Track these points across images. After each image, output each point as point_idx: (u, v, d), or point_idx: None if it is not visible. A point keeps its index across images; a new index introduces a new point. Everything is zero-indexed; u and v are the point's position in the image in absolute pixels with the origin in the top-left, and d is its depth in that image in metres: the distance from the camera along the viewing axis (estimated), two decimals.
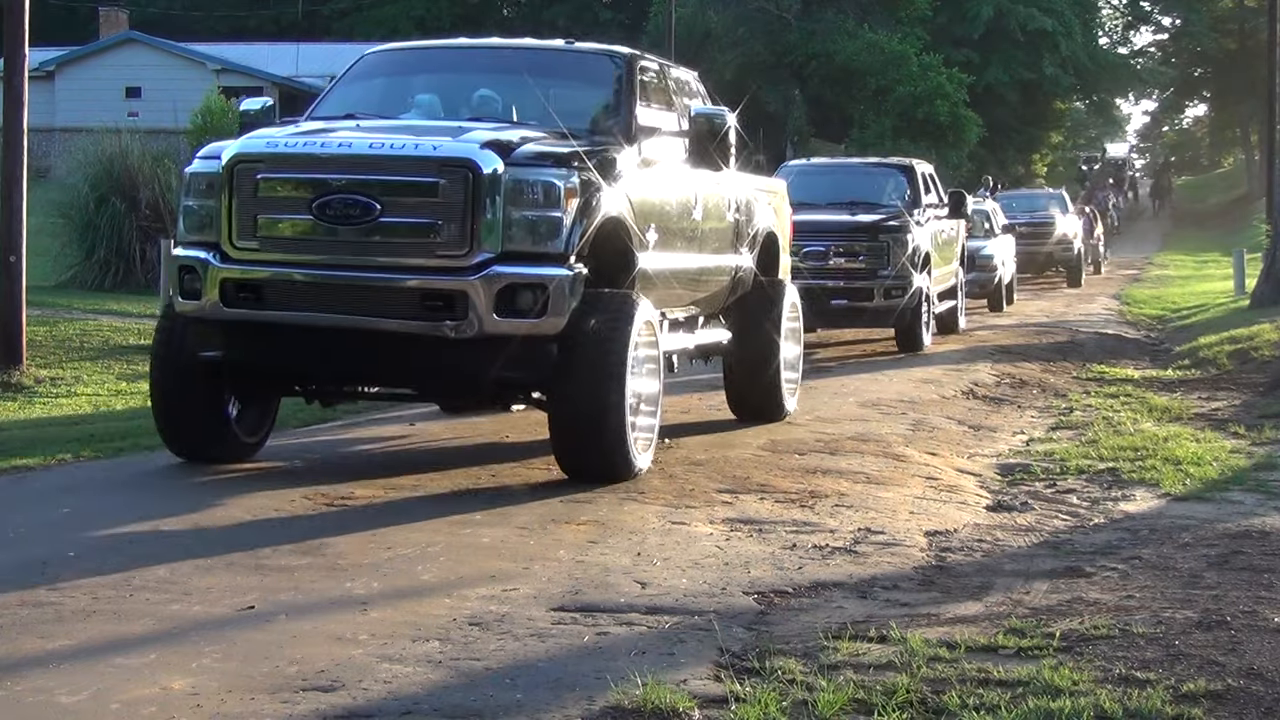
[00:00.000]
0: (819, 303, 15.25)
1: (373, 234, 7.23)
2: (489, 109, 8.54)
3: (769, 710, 4.08)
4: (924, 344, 15.98)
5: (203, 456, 8.03)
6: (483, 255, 7.15)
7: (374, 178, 7.23)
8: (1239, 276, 24.23)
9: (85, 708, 4.06)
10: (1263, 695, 4.21)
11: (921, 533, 6.77)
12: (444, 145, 7.31)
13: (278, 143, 7.55)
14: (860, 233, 15.86)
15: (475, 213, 7.13)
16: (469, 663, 4.54)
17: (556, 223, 7.28)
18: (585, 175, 7.45)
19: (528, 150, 7.38)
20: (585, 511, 6.95)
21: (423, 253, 7.22)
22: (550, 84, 8.71)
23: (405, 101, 8.78)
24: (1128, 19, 67.73)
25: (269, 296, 7.40)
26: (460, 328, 7.14)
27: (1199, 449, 9.19)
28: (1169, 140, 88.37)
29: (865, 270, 15.58)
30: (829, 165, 20.45)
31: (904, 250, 15.54)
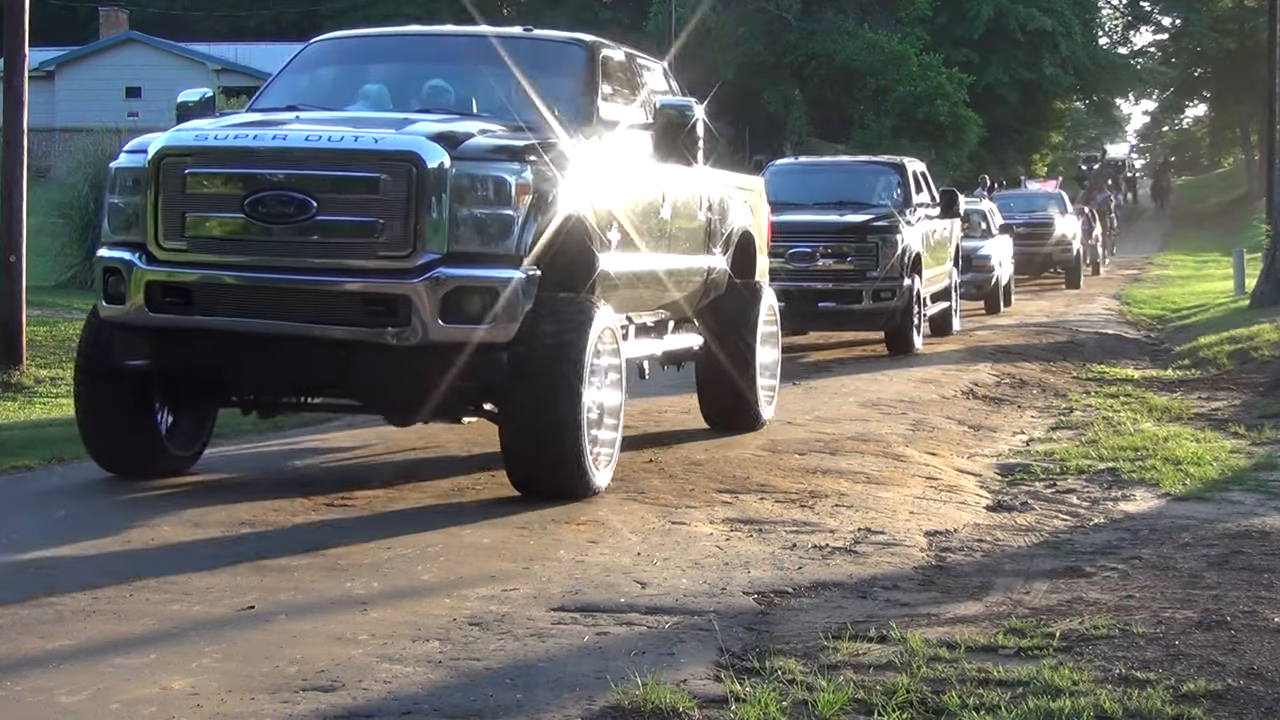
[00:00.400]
0: (806, 305, 15.07)
1: (309, 233, 6.77)
2: (441, 100, 8.07)
3: (769, 710, 4.08)
4: (915, 347, 15.65)
5: (130, 472, 7.53)
6: (427, 256, 6.69)
7: (310, 173, 6.78)
8: (1239, 276, 24.22)
9: (85, 708, 4.07)
10: (1263, 695, 4.21)
11: (921, 533, 6.78)
12: (386, 138, 6.86)
13: (207, 135, 7.04)
14: (848, 233, 15.48)
15: (419, 211, 6.68)
16: (469, 663, 4.54)
17: (508, 221, 6.84)
18: (540, 170, 7.03)
19: (477, 143, 6.94)
20: (585, 511, 6.95)
21: (363, 254, 6.75)
22: (507, 73, 8.21)
23: (353, 92, 8.32)
24: (1128, 19, 67.73)
25: (197, 301, 6.94)
26: (403, 334, 6.69)
27: (1199, 449, 9.19)
28: (1169, 140, 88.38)
29: (853, 272, 15.22)
30: (817, 164, 20.03)
31: (893, 251, 15.20)
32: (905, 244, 15.40)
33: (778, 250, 14.41)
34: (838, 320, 15.75)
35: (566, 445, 6.90)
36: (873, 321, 15.62)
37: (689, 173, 8.88)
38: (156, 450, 7.55)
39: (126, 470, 7.56)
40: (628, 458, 8.54)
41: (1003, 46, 49.29)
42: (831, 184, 17.22)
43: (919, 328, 15.87)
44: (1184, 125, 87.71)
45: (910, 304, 15.45)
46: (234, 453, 8.69)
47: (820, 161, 21.09)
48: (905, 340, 15.55)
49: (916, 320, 15.70)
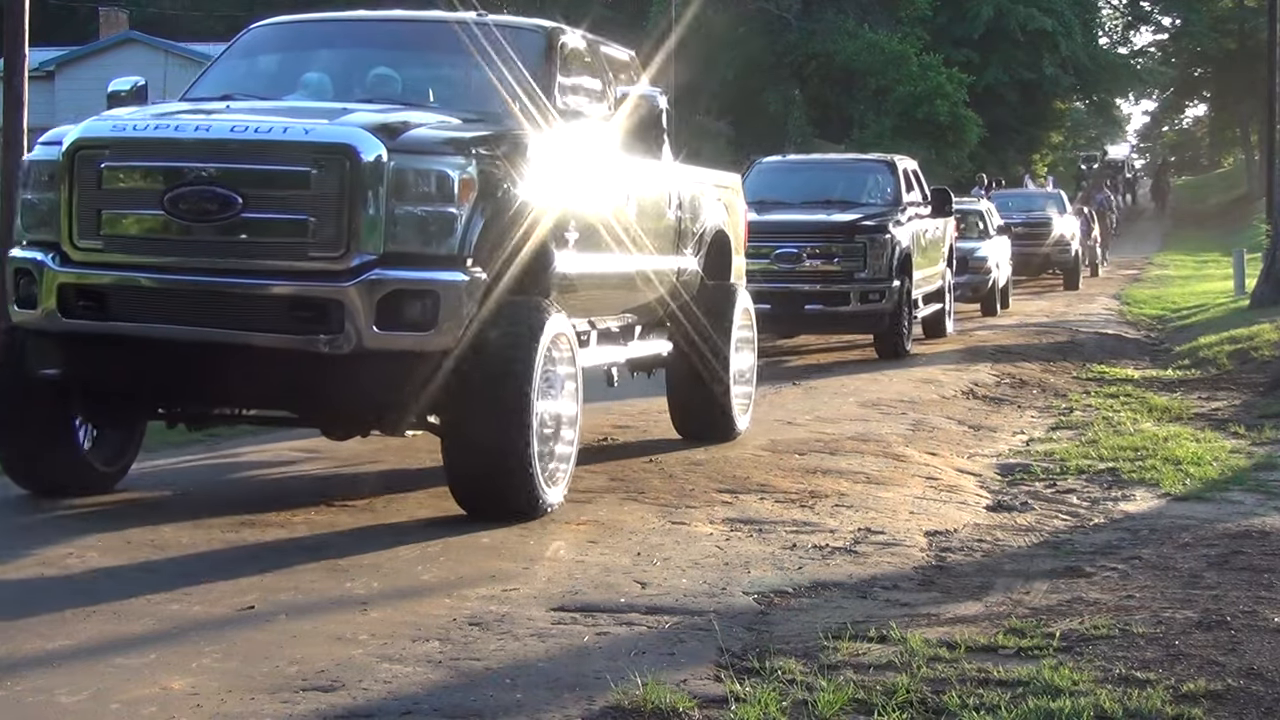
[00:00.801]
0: (792, 308, 14.74)
1: (234, 232, 6.25)
2: (386, 89, 7.61)
3: (769, 710, 4.08)
4: (905, 351, 15.21)
5: (49, 488, 7.00)
6: (362, 257, 6.17)
7: (235, 166, 6.27)
8: (1239, 276, 24.20)
9: (85, 708, 4.06)
10: (1263, 695, 4.21)
11: (921, 533, 6.77)
12: (317, 129, 6.37)
13: (125, 126, 6.56)
14: (835, 233, 15.04)
15: (353, 207, 6.16)
16: (469, 663, 4.54)
17: (450, 219, 6.33)
18: (488, 164, 6.56)
19: (418, 135, 6.44)
20: (585, 511, 6.95)
21: (292, 254, 6.23)
22: (460, 61, 7.78)
23: (293, 81, 7.80)
24: (1128, 19, 67.69)
25: (114, 305, 6.40)
26: (335, 342, 6.16)
27: (1199, 449, 9.19)
28: (1169, 140, 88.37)
29: (841, 273, 14.78)
30: (805, 162, 19.54)
31: (882, 251, 14.80)
32: (894, 244, 15.01)
33: (763, 251, 14.28)
34: (825, 323, 15.42)
35: (514, 462, 6.40)
36: (861, 324, 15.25)
37: (656, 168, 8.56)
38: (77, 466, 7.00)
39: (44, 487, 7.01)
40: (628, 458, 8.55)
41: (1003, 46, 49.26)
42: (820, 182, 16.87)
43: (909, 330, 15.47)
44: (1184, 125, 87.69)
45: (900, 306, 15.04)
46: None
47: (808, 159, 20.58)
48: (894, 343, 15.16)
49: (906, 323, 15.34)
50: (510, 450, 6.39)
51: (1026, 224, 28.19)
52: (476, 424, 6.41)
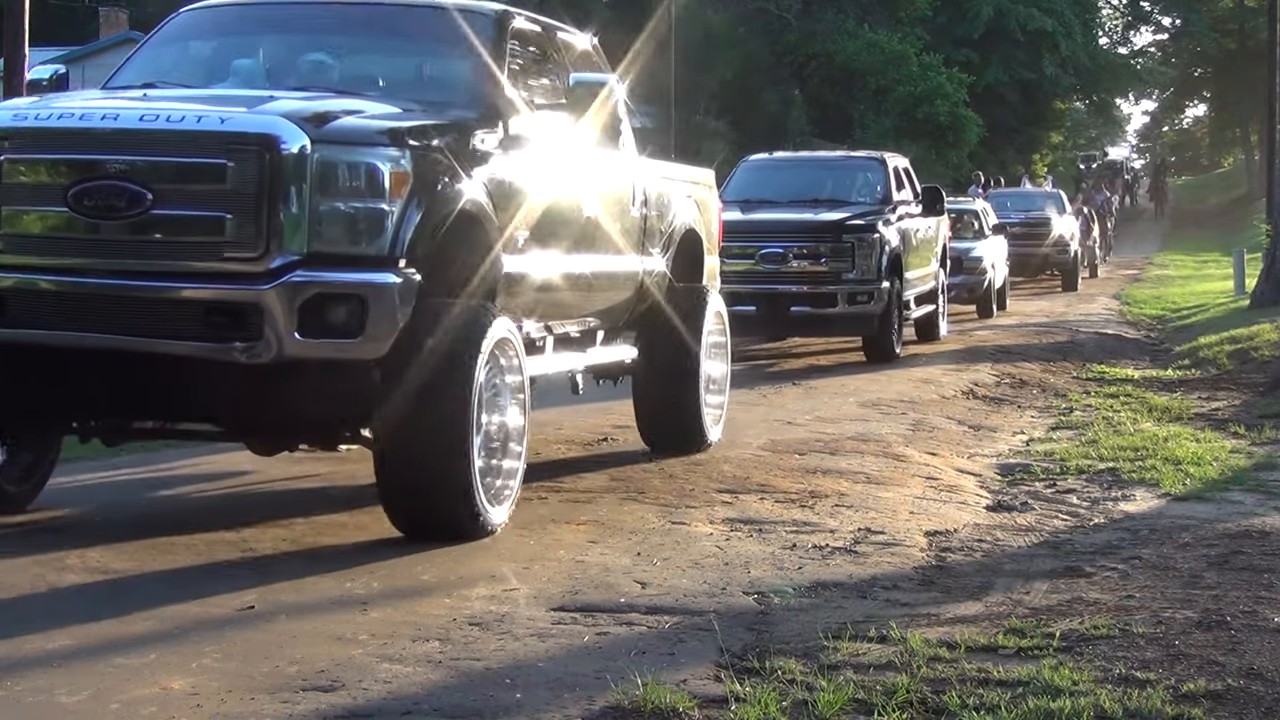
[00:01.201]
0: (778, 310, 14.40)
1: (143, 231, 5.72)
2: (322, 76, 7.13)
3: (769, 710, 4.08)
4: (895, 354, 14.76)
5: None
6: (283, 258, 5.66)
7: (145, 159, 5.75)
8: (1239, 276, 24.20)
9: (85, 708, 4.06)
10: (1263, 695, 4.21)
11: (921, 533, 6.78)
12: (235, 117, 5.85)
13: (26, 115, 6.05)
14: (822, 232, 14.58)
15: (274, 204, 5.65)
16: (469, 663, 4.54)
17: (380, 216, 5.82)
18: (425, 156, 6.07)
19: (346, 124, 5.95)
20: (585, 511, 6.95)
21: (206, 255, 5.71)
22: (403, 46, 7.43)
23: (224, 68, 7.27)
24: (1128, 19, 67.73)
25: (13, 310, 5.84)
26: (253, 350, 5.65)
27: (1199, 449, 9.19)
28: (1169, 140, 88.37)
29: (828, 274, 14.31)
30: (793, 159, 19.04)
31: (871, 251, 14.32)
32: (884, 244, 14.55)
33: (748, 251, 14.16)
34: (811, 325, 15.02)
35: (452, 479, 5.94)
36: (849, 327, 14.81)
37: (618, 162, 8.15)
38: None
39: None
40: (628, 458, 8.55)
41: (1003, 46, 49.28)
42: (808, 180, 16.45)
43: (899, 333, 15.05)
44: (1184, 125, 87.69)
45: (889, 308, 14.58)
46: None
47: (796, 157, 20.13)
48: (884, 347, 14.70)
49: (896, 325, 14.91)
50: (449, 467, 5.92)
51: (1024, 224, 27.72)
52: (412, 439, 5.90)
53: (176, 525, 6.47)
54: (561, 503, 7.19)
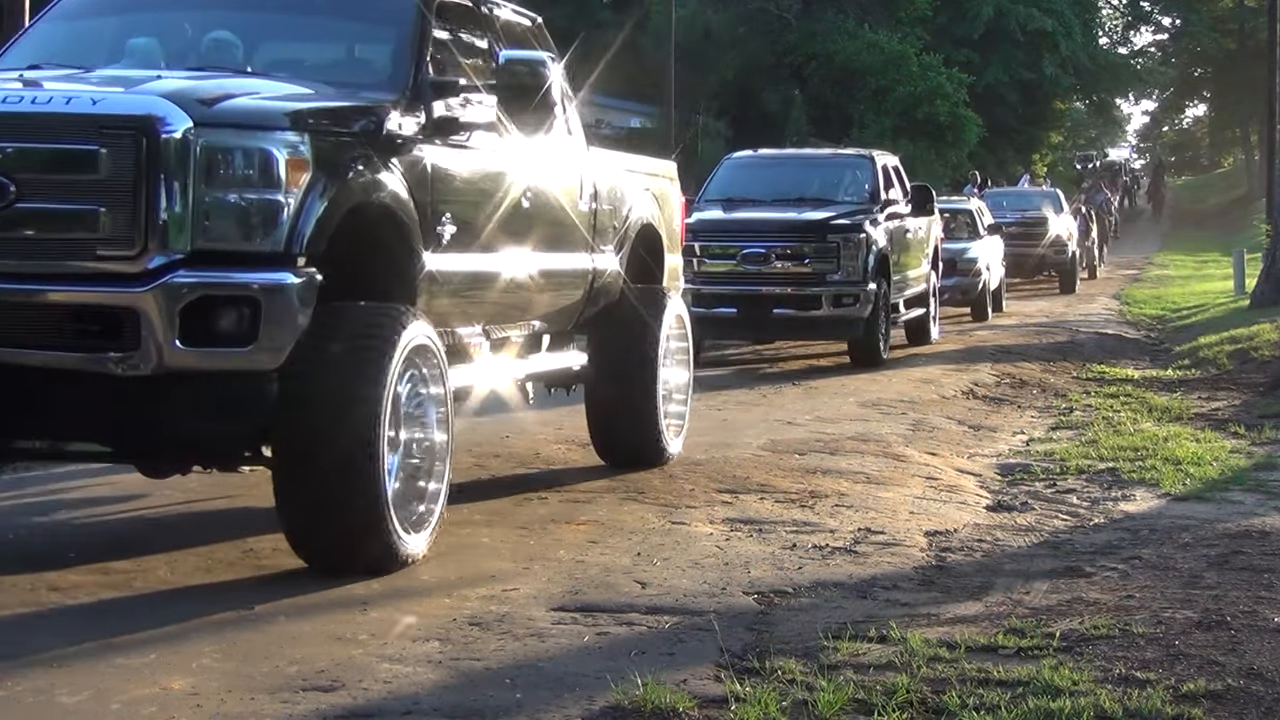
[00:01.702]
0: (760, 312, 13.91)
1: (7, 227, 5.06)
2: (224, 56, 6.49)
3: (769, 710, 4.08)
4: (881, 359, 14.22)
5: None
6: (163, 257, 5.02)
7: (7, 146, 5.10)
8: (1239, 276, 24.18)
9: (85, 708, 4.06)
10: (1263, 695, 4.21)
11: (921, 533, 6.78)
12: (109, 98, 5.22)
13: None
14: (806, 232, 14.03)
15: (152, 195, 5.01)
16: (469, 663, 4.54)
17: (274, 208, 5.19)
18: (330, 142, 5.47)
19: (236, 106, 5.34)
20: (585, 511, 6.95)
21: (78, 253, 5.06)
22: (315, 25, 6.92)
23: (119, 48, 6.65)
24: (1128, 19, 67.71)
25: None
26: (129, 360, 5.02)
27: (1199, 449, 9.19)
28: (1169, 140, 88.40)
29: (812, 275, 13.78)
30: (777, 157, 18.29)
31: (857, 252, 13.79)
32: (871, 244, 14.02)
33: (730, 251, 13.91)
34: (794, 329, 14.52)
35: (360, 504, 5.34)
36: (834, 330, 14.23)
37: (563, 152, 7.46)
38: None
39: None
40: None
41: (1003, 46, 49.28)
42: (793, 178, 15.88)
43: (886, 337, 14.52)
44: (1184, 125, 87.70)
45: (876, 311, 14.05)
46: None
47: (781, 154, 19.28)
48: (870, 351, 14.14)
49: (883, 329, 14.35)
50: (356, 491, 5.30)
51: (1021, 224, 26.99)
52: (314, 459, 5.29)
53: (176, 526, 6.47)
54: (561, 503, 7.19)
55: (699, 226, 13.78)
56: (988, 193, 30.20)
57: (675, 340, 8.58)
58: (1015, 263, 25.62)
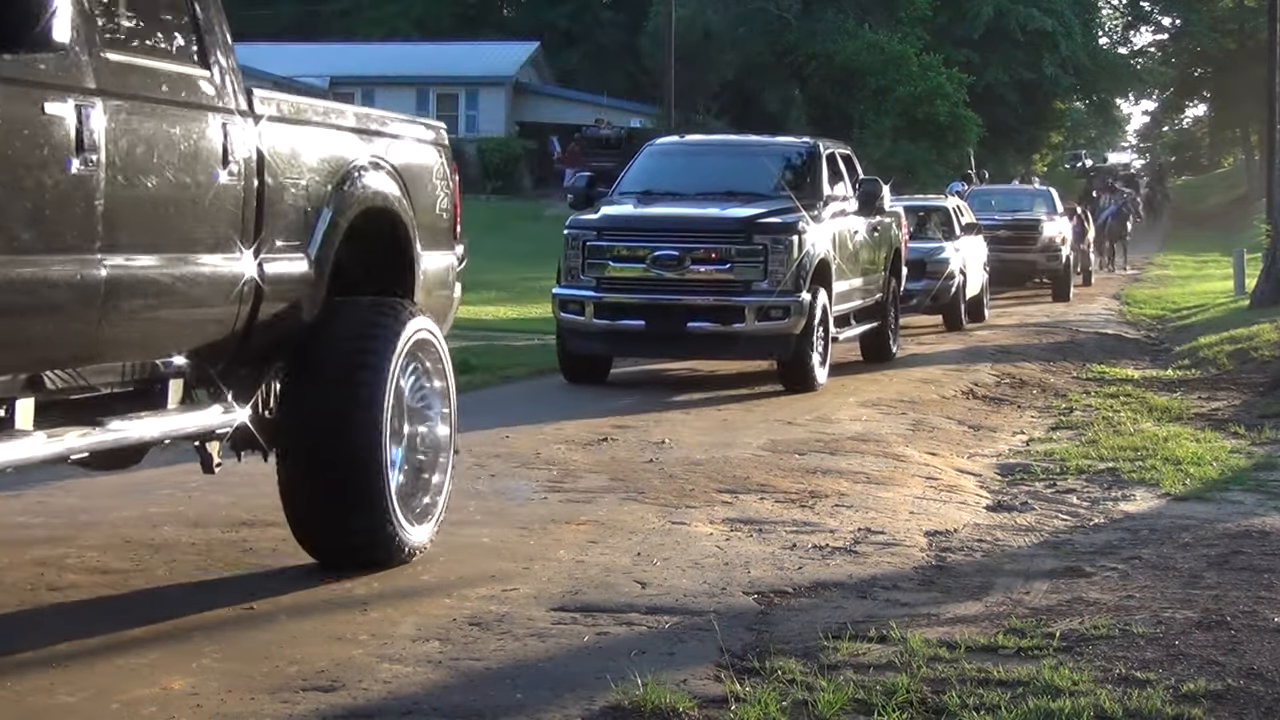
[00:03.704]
0: (671, 325, 11.83)
1: None
2: None
3: (769, 710, 4.08)
4: (817, 381, 12.13)
5: None
6: None
7: None
8: (1239, 276, 24.17)
9: (85, 708, 4.06)
10: (1263, 695, 4.21)
11: (921, 533, 6.78)
12: None
13: None
14: (729, 232, 12.01)
15: None
16: (469, 663, 4.54)
17: None
18: None
19: None
20: (585, 511, 6.95)
21: None
22: None
23: None
24: (1128, 19, 67.79)
25: None
26: None
27: (1199, 449, 9.19)
28: (1169, 140, 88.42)
29: (735, 283, 11.81)
30: (705, 144, 16.03)
31: (788, 256, 11.76)
32: (807, 247, 12.00)
33: (638, 253, 11.96)
34: (713, 345, 12.29)
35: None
36: (759, 347, 12.17)
37: (188, 88, 4.94)
38: None
39: None
40: (628, 458, 8.55)
41: (1003, 46, 49.33)
42: (722, 169, 13.58)
43: (824, 356, 12.35)
44: (1184, 125, 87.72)
45: (811, 326, 11.94)
46: None
47: (710, 140, 17.02)
48: (802, 372, 12.03)
49: (820, 347, 12.20)
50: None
51: (1011, 226, 24.59)
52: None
53: (175, 526, 6.47)
54: (561, 503, 7.19)
55: (603, 224, 12.18)
56: (973, 190, 28.34)
57: (421, 380, 6.04)
58: (1004, 269, 23.60)
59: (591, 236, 12.06)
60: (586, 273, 12.02)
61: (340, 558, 5.64)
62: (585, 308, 11.93)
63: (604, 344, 12.23)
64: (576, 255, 12.08)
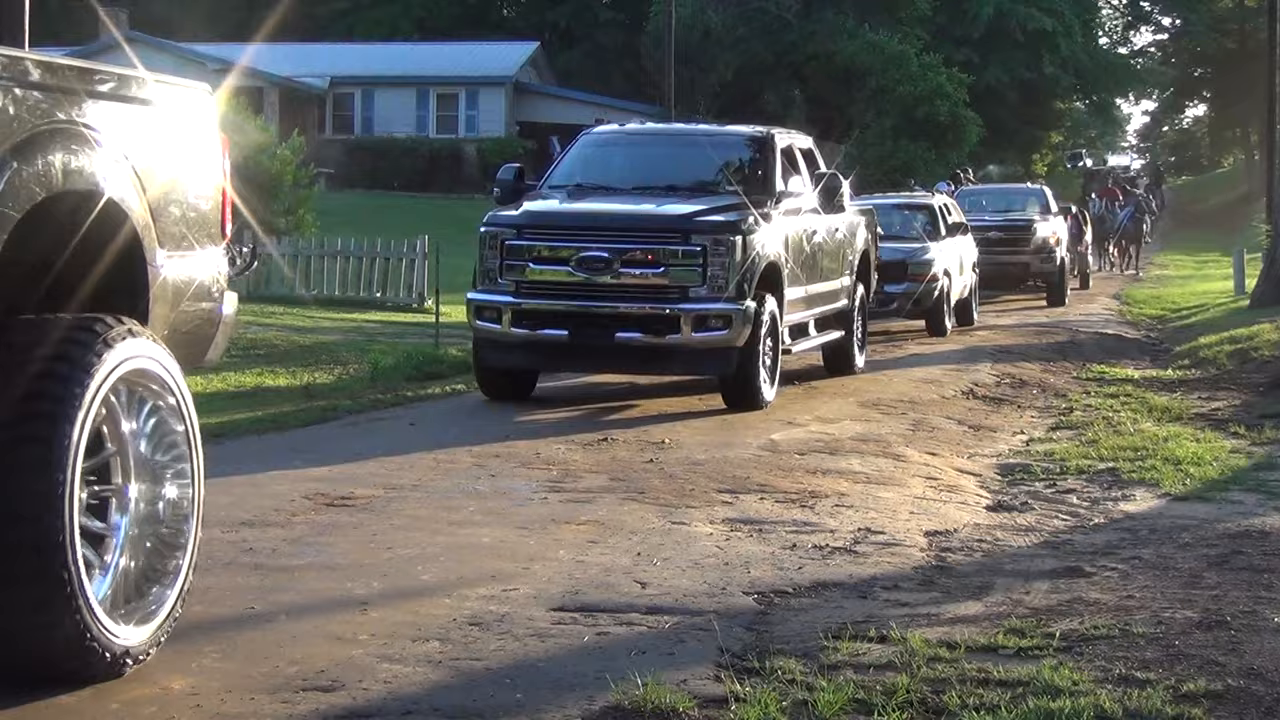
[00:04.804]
0: (598, 336, 10.54)
1: None
2: None
3: (769, 710, 4.08)
4: (764, 399, 10.80)
5: None
6: None
7: None
8: (1239, 276, 24.16)
9: (85, 708, 4.06)
10: (1263, 695, 4.22)
11: (921, 533, 6.78)
12: None
13: None
14: (664, 231, 10.66)
15: None
16: (469, 663, 4.54)
17: None
18: None
19: None
20: (585, 511, 6.95)
21: None
22: None
23: None
24: (1128, 19, 67.87)
25: None
26: None
27: (1199, 449, 9.18)
28: (1169, 140, 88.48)
29: (670, 288, 10.47)
30: (646, 134, 14.09)
31: (732, 258, 10.42)
32: (754, 249, 10.68)
33: (561, 255, 10.62)
34: (645, 359, 10.86)
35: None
36: (697, 363, 10.80)
37: None
38: None
39: None
40: (628, 457, 8.55)
41: (1003, 46, 49.39)
42: (665, 162, 12.26)
43: (772, 371, 11.01)
44: (1184, 125, 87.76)
45: (756, 337, 10.60)
46: None
47: (653, 130, 15.10)
48: (747, 390, 10.71)
49: (768, 361, 10.89)
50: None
51: (1003, 227, 23.46)
52: None
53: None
54: (561, 503, 7.19)
55: (524, 221, 10.81)
56: (965, 190, 27.44)
57: (142, 420, 4.52)
58: (996, 272, 22.59)
59: (510, 235, 10.68)
60: (504, 276, 10.66)
61: (12, 671, 4.13)
62: (502, 315, 10.59)
63: (523, 357, 10.91)
64: (494, 256, 10.71)
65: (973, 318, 19.95)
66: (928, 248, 17.97)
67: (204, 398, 11.07)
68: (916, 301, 17.52)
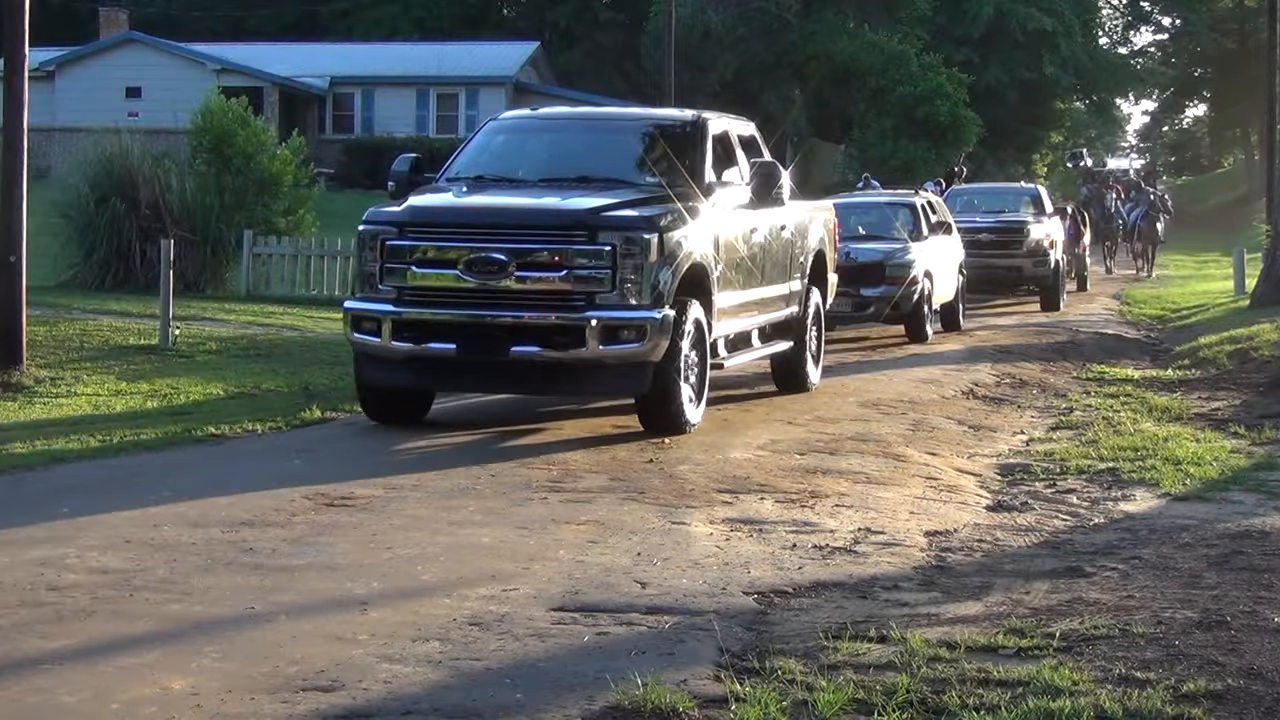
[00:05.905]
0: (490, 350, 9.12)
1: None
2: None
3: (769, 710, 4.08)
4: (687, 421, 9.41)
5: None
6: None
7: None
8: (1239, 276, 24.14)
9: (85, 708, 4.07)
10: (1263, 695, 4.22)
11: (921, 533, 6.78)
12: None
13: None
14: (567, 229, 9.20)
15: None
16: (469, 663, 4.54)
17: None
18: None
19: None
20: (585, 511, 6.95)
21: None
22: None
23: None
24: (1128, 19, 67.87)
25: None
26: None
27: (1199, 449, 9.18)
28: (1169, 140, 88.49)
29: (575, 294, 9.05)
30: (561, 119, 12.30)
31: (647, 259, 9.06)
32: (671, 248, 9.26)
33: (449, 256, 9.22)
34: (545, 376, 9.39)
35: None
36: (606, 381, 9.40)
37: None
38: None
39: None
40: (628, 457, 8.54)
41: (1003, 46, 49.40)
42: (579, 150, 10.76)
43: (698, 390, 9.61)
44: (1184, 125, 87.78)
45: (676, 350, 9.20)
46: None
47: (567, 114, 13.30)
48: (665, 410, 9.34)
49: (692, 378, 9.48)
50: None
51: (995, 229, 22.21)
52: None
53: (174, 526, 6.47)
54: (561, 503, 7.19)
55: (406, 219, 9.42)
56: (954, 189, 26.34)
57: None
58: (988, 276, 21.32)
59: (391, 234, 9.28)
60: (385, 281, 9.25)
61: None
62: (382, 327, 9.19)
63: (408, 374, 9.46)
64: (373, 259, 9.30)
65: (959, 322, 18.59)
66: (908, 248, 16.79)
67: (204, 398, 11.07)
68: (895, 306, 16.24)
